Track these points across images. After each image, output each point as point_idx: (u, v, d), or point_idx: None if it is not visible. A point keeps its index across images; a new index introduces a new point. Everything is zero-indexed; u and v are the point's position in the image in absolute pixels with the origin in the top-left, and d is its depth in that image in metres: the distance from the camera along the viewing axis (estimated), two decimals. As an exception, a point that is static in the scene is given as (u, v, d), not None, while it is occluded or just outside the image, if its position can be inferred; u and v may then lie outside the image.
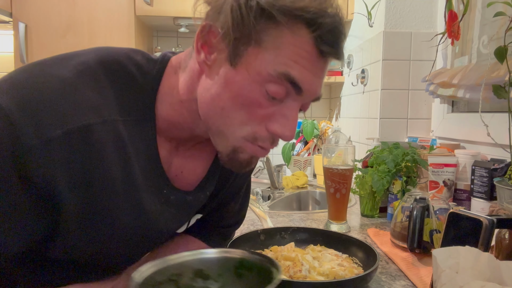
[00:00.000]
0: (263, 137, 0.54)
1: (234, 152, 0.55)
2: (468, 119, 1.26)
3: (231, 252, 0.51)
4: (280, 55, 0.49)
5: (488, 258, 0.49)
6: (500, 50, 0.82)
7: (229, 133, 0.54)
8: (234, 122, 0.53)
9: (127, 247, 0.57)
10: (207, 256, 0.50)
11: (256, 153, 0.55)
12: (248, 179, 0.80)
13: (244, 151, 0.55)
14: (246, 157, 0.56)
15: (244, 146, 0.54)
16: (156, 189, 0.58)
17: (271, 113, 0.53)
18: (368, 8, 1.48)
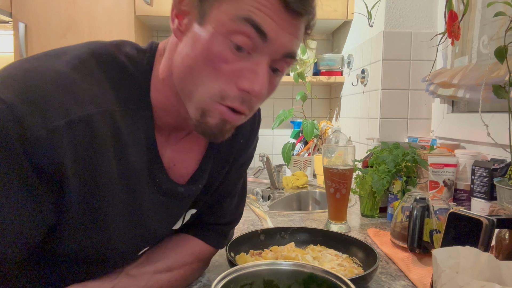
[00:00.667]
0: (231, 96, 0.52)
1: (202, 115, 0.54)
2: (468, 119, 1.26)
3: (302, 266, 0.52)
4: (242, 2, 0.49)
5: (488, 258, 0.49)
6: (500, 50, 0.82)
7: (198, 94, 0.53)
8: (202, 81, 0.52)
9: (122, 238, 0.57)
10: (279, 267, 0.52)
11: (224, 115, 0.53)
12: (244, 175, 0.80)
13: (212, 113, 0.53)
14: (215, 122, 0.54)
15: (212, 107, 0.53)
16: (151, 179, 0.58)
17: (239, 68, 0.52)
18: (368, 8, 1.48)
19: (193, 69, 0.52)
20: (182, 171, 0.65)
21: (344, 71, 1.96)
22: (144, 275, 0.63)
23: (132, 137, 0.55)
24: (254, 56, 0.52)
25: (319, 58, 1.97)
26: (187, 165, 0.66)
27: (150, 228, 0.61)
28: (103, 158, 0.50)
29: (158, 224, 0.63)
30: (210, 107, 0.53)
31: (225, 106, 0.53)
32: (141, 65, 0.57)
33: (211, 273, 0.77)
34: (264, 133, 2.27)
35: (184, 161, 0.65)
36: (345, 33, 1.97)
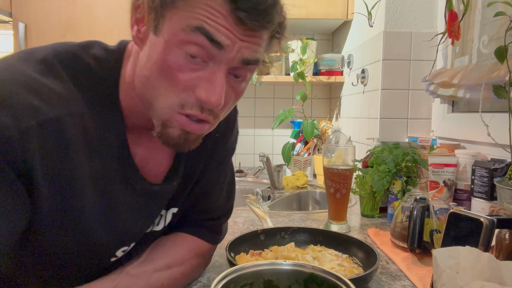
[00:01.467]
0: (189, 103, 0.51)
1: (164, 126, 0.53)
2: (468, 119, 1.26)
3: (302, 266, 0.52)
4: (194, 12, 0.48)
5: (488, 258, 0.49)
6: (500, 50, 0.82)
7: (157, 104, 0.53)
8: (160, 91, 0.52)
9: (98, 238, 0.57)
10: (279, 267, 0.52)
11: (185, 126, 0.53)
12: (228, 169, 0.78)
13: (173, 124, 0.53)
14: (177, 133, 0.53)
15: (172, 118, 0.52)
16: (124, 179, 0.58)
17: (195, 78, 0.51)
18: (368, 8, 1.48)
19: (150, 79, 0.52)
20: (156, 169, 0.64)
21: (344, 71, 1.96)
22: (144, 274, 0.63)
23: (102, 139, 0.55)
24: (210, 64, 0.51)
25: (319, 58, 1.97)
26: (160, 163, 0.65)
27: (126, 228, 0.61)
28: (74, 159, 0.51)
29: (134, 224, 0.62)
30: (170, 117, 0.52)
31: (185, 115, 0.52)
32: (109, 66, 0.57)
33: (211, 273, 0.77)
34: (264, 133, 2.27)
35: (157, 159, 0.64)
36: (345, 33, 1.97)
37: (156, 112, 0.53)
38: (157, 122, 0.54)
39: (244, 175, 2.00)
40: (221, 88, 0.51)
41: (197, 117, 0.53)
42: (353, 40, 1.84)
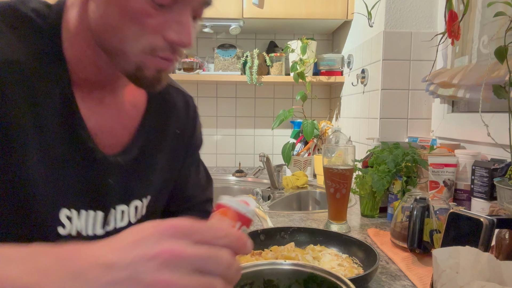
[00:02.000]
0: (161, 47, 0.53)
1: (138, 69, 0.54)
2: (468, 119, 1.26)
3: (302, 266, 0.52)
4: None
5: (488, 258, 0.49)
6: (500, 50, 0.82)
7: (127, 50, 0.53)
8: (129, 37, 0.52)
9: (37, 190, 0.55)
10: (279, 267, 0.52)
11: (160, 66, 0.55)
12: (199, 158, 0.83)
13: (147, 66, 0.54)
14: (152, 73, 0.55)
15: (146, 60, 0.54)
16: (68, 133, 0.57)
17: (164, 21, 0.52)
18: (368, 8, 1.48)
19: (116, 27, 0.52)
20: (109, 141, 0.63)
21: (344, 71, 1.96)
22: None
23: (46, 91, 0.54)
24: (176, 7, 0.52)
25: (319, 58, 1.97)
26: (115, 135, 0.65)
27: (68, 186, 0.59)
28: (12, 107, 0.50)
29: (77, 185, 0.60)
30: (144, 60, 0.54)
31: (158, 57, 0.54)
32: (50, 18, 0.56)
33: (211, 273, 0.77)
34: (264, 133, 2.27)
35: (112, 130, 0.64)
36: (345, 33, 1.97)
37: (127, 57, 0.54)
38: (130, 67, 0.54)
39: (244, 175, 2.00)
40: (190, 28, 0.53)
41: (169, 59, 0.55)
42: (353, 40, 1.84)
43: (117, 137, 0.65)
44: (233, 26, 1.89)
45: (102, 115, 0.62)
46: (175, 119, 0.74)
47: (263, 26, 2.06)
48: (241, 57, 1.98)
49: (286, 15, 1.83)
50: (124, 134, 0.66)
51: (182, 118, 0.76)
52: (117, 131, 0.64)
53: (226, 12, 1.82)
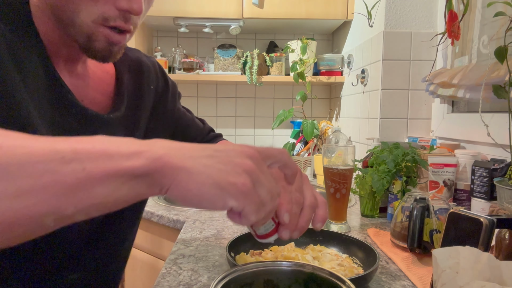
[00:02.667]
0: (112, 16, 0.55)
1: (88, 40, 0.56)
2: (468, 119, 1.26)
3: (302, 266, 0.52)
4: None
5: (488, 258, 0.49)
6: (500, 50, 0.82)
7: (79, 20, 0.54)
8: (81, 7, 0.54)
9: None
10: (279, 267, 0.52)
11: (110, 38, 0.56)
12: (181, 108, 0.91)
13: (97, 37, 0.56)
14: (102, 45, 0.57)
15: (96, 31, 0.55)
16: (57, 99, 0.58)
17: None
18: (368, 8, 1.48)
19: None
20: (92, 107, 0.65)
21: (344, 71, 1.96)
22: None
23: (29, 61, 0.55)
24: None
25: (319, 58, 1.97)
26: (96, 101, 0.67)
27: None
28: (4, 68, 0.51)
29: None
30: (94, 30, 0.55)
31: (109, 27, 0.55)
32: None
33: (211, 273, 0.77)
34: (264, 133, 2.27)
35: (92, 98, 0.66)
36: (345, 33, 1.97)
37: (79, 28, 0.55)
38: (81, 37, 0.56)
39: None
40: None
41: (121, 28, 0.56)
42: (353, 40, 1.84)
43: (98, 104, 0.67)
44: (233, 26, 1.89)
45: (80, 85, 0.65)
46: (146, 76, 0.79)
47: (263, 26, 2.06)
48: (241, 57, 1.98)
49: (286, 15, 1.83)
50: (104, 99, 0.69)
51: (152, 75, 0.81)
52: (96, 98, 0.67)
53: (226, 12, 1.82)
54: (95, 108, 0.66)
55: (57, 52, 0.61)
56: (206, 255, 0.86)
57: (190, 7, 1.80)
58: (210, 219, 1.15)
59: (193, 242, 0.94)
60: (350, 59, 1.85)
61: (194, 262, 0.82)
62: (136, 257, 1.45)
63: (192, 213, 1.23)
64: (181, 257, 0.85)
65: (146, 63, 0.81)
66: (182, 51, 2.06)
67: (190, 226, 1.08)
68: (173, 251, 0.88)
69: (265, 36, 2.22)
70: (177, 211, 1.26)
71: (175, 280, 0.73)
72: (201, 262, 0.82)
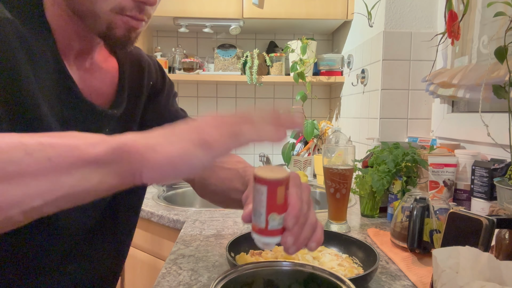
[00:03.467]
0: (129, 7, 0.57)
1: (108, 28, 0.58)
2: (468, 119, 1.26)
3: (302, 266, 0.52)
4: None
5: (488, 258, 0.49)
6: (500, 50, 0.82)
7: (97, 10, 0.57)
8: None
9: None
10: (279, 267, 0.52)
11: (129, 23, 0.58)
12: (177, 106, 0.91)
13: (117, 25, 0.58)
14: (122, 32, 0.59)
15: (115, 20, 0.57)
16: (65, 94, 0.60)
17: None
18: (368, 8, 1.48)
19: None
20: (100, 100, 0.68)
21: (344, 71, 1.96)
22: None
23: (40, 54, 0.57)
24: None
25: (319, 58, 1.97)
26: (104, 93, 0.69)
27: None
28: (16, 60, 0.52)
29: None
30: (113, 19, 0.57)
31: (126, 16, 0.58)
32: None
33: (211, 273, 0.77)
34: (264, 133, 2.27)
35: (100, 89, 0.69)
36: (345, 33, 1.97)
37: (97, 17, 0.57)
38: (101, 26, 0.58)
39: (244, 175, 2.00)
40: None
41: (137, 18, 0.59)
42: (353, 40, 1.84)
43: (104, 96, 0.70)
44: (233, 26, 1.89)
45: (87, 79, 0.66)
46: (147, 71, 0.80)
47: (263, 26, 2.06)
48: (241, 57, 1.98)
49: (286, 15, 1.83)
50: (109, 92, 0.71)
51: (152, 71, 0.83)
52: (103, 90, 0.69)
53: (226, 12, 1.82)
54: (100, 101, 0.68)
55: (68, 47, 0.62)
56: (206, 255, 0.86)
57: (190, 7, 1.80)
58: (210, 219, 1.15)
59: (193, 242, 0.94)
60: (350, 59, 1.85)
61: (194, 262, 0.82)
62: (136, 257, 1.45)
63: (192, 213, 1.23)
64: (181, 257, 0.85)
65: (146, 59, 0.82)
66: (182, 51, 2.06)
67: (190, 226, 1.08)
68: (173, 251, 0.88)
69: (265, 36, 2.22)
70: (177, 211, 1.26)
71: (175, 280, 0.73)
72: (201, 262, 0.82)
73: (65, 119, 0.60)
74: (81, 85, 0.64)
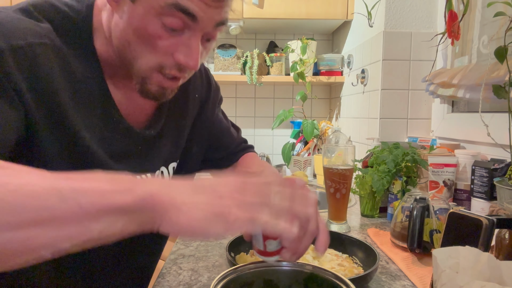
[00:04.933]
0: (169, 65, 0.58)
1: (143, 83, 0.60)
2: (468, 119, 1.26)
3: (302, 266, 0.52)
4: None
5: (488, 258, 0.49)
6: (500, 50, 0.82)
7: (138, 65, 0.58)
8: (141, 55, 0.57)
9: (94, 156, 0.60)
10: (279, 267, 0.52)
11: (163, 84, 0.60)
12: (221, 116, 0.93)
13: (151, 81, 0.60)
14: (155, 88, 0.60)
15: (151, 76, 0.59)
16: (106, 115, 0.62)
17: (174, 44, 0.57)
18: (368, 8, 1.48)
19: (131, 44, 0.57)
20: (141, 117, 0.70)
21: (344, 71, 1.96)
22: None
23: (82, 76, 0.58)
24: (187, 32, 0.57)
25: (319, 58, 1.97)
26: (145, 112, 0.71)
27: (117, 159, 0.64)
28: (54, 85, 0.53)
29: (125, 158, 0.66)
30: (149, 75, 0.59)
31: (164, 74, 0.59)
32: (81, 13, 0.60)
33: (211, 273, 0.77)
34: (264, 133, 2.27)
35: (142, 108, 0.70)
36: (345, 33, 1.97)
37: (136, 71, 0.59)
38: (137, 79, 0.60)
39: (244, 175, 2.00)
40: (197, 53, 0.58)
41: (175, 76, 0.60)
42: (353, 40, 1.84)
43: (145, 114, 0.71)
44: (233, 26, 1.89)
45: (133, 98, 0.67)
46: (192, 84, 0.81)
47: (263, 26, 2.06)
48: (241, 57, 1.98)
49: (286, 15, 1.83)
50: (150, 110, 0.73)
51: (197, 83, 0.83)
52: (145, 108, 0.71)
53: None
54: (141, 119, 0.70)
55: (111, 71, 0.63)
56: (206, 255, 0.86)
57: (190, 7, 1.80)
58: (210, 219, 1.15)
59: (193, 242, 0.94)
60: (350, 59, 1.85)
61: (194, 262, 0.82)
62: (136, 257, 1.45)
63: (192, 213, 1.22)
64: (181, 257, 0.85)
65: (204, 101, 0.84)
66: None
67: (190, 226, 1.08)
68: (173, 251, 0.88)
69: (265, 36, 2.22)
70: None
71: (175, 280, 0.73)
72: (201, 262, 0.82)
73: (105, 139, 0.62)
74: (124, 104, 0.66)
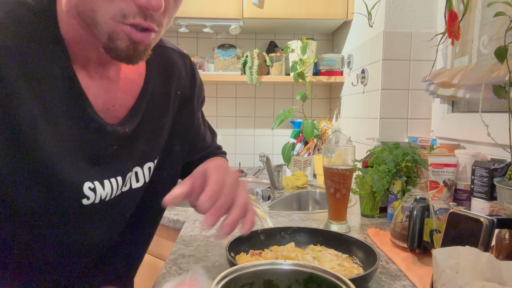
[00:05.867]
0: (131, 13, 0.52)
1: (110, 39, 0.53)
2: (468, 119, 1.26)
3: (302, 266, 0.52)
4: None
5: (488, 258, 0.49)
6: (500, 50, 0.82)
7: (98, 18, 0.53)
8: (99, 4, 0.52)
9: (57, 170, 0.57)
10: (279, 267, 0.52)
11: (132, 36, 0.53)
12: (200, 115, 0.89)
13: (119, 36, 0.53)
14: (125, 44, 0.54)
15: (116, 29, 0.53)
16: (78, 114, 0.58)
17: None
18: (368, 8, 1.48)
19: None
20: (121, 111, 0.66)
21: (344, 71, 1.96)
22: None
23: (47, 72, 0.55)
24: None
25: (319, 58, 1.97)
26: (127, 106, 0.67)
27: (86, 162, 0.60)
28: (17, 93, 0.51)
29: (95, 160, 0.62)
30: (115, 29, 0.53)
31: (129, 25, 0.53)
32: (44, 0, 0.57)
33: (211, 273, 0.77)
34: (264, 133, 2.27)
35: (123, 102, 0.66)
36: (345, 33, 1.97)
37: (100, 27, 0.53)
38: (103, 37, 0.54)
39: (244, 175, 2.00)
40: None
41: (141, 26, 0.54)
42: (353, 40, 1.84)
43: (125, 106, 0.66)
44: (233, 26, 1.89)
45: (109, 89, 0.63)
46: (176, 80, 0.76)
47: (263, 26, 2.06)
48: (241, 57, 1.98)
49: (286, 15, 1.83)
50: (130, 102, 0.67)
51: (182, 79, 0.78)
52: (123, 100, 0.66)
53: (226, 12, 1.82)
54: (121, 113, 0.65)
55: (84, 58, 0.59)
56: (206, 255, 0.86)
57: (190, 7, 1.80)
58: (210, 219, 1.15)
59: (193, 242, 0.94)
60: (350, 59, 1.85)
61: (194, 262, 0.82)
62: (136, 257, 1.45)
63: (192, 213, 1.23)
64: (181, 257, 0.85)
65: (179, 65, 0.78)
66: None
67: (190, 226, 1.08)
68: (173, 251, 0.88)
69: (265, 36, 2.22)
70: (177, 211, 1.26)
71: (175, 280, 0.73)
72: (201, 262, 0.82)
73: (74, 138, 0.58)
74: (101, 97, 0.61)
